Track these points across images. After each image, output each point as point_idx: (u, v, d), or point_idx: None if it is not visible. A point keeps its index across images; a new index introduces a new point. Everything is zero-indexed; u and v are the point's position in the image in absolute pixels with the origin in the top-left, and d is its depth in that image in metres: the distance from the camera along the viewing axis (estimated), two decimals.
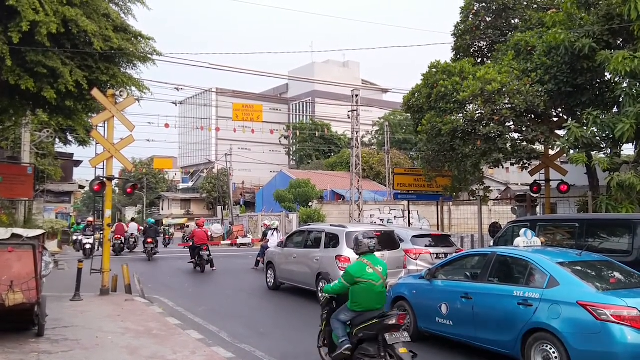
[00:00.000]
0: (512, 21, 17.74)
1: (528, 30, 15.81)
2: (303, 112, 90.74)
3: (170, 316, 10.27)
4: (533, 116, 14.80)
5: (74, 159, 35.04)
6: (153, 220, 28.83)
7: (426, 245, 13.39)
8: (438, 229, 19.99)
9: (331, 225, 13.57)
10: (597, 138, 12.10)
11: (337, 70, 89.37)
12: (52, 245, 26.47)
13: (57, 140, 26.75)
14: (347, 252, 11.66)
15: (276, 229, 20.37)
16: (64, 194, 35.32)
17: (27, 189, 15.80)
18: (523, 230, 8.03)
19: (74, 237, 29.25)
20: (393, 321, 6.07)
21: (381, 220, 36.44)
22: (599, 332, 5.83)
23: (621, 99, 11.84)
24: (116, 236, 25.16)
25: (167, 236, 37.54)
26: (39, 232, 8.53)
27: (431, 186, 19.26)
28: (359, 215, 32.21)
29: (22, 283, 7.67)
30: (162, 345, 7.89)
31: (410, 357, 6.02)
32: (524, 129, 14.60)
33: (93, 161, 13.35)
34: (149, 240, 24.21)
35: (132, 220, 34.29)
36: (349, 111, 32.20)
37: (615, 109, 13.21)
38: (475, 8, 17.83)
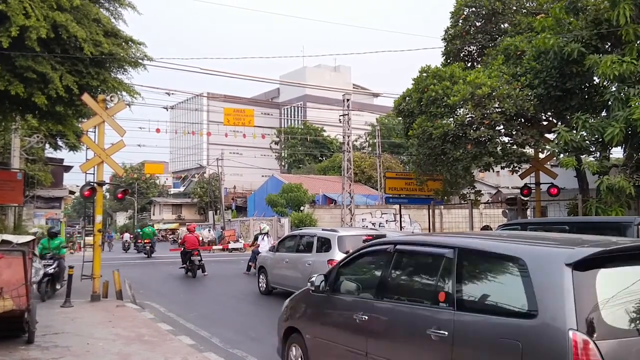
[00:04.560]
0: (502, 26, 17.87)
1: (517, 34, 15.94)
2: (294, 117, 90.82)
3: (162, 322, 10.22)
4: (523, 120, 14.90)
5: (64, 164, 34.82)
6: (153, 228, 38.44)
7: None
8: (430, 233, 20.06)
9: (323, 230, 13.57)
10: (587, 142, 12.19)
11: (328, 75, 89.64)
12: None
13: (47, 145, 26.61)
14: (339, 256, 11.67)
15: (267, 233, 20.35)
16: (54, 199, 35.05)
17: (17, 194, 15.69)
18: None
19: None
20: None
21: (373, 224, 36.47)
22: None
23: (610, 103, 11.95)
24: (147, 241, 31.86)
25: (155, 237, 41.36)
26: (29, 238, 8.48)
27: (422, 190, 19.32)
28: (351, 219, 32.24)
29: (11, 289, 7.61)
30: (153, 351, 7.85)
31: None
32: (514, 133, 14.69)
33: (83, 166, 13.29)
34: (147, 240, 32.04)
35: (127, 230, 50.50)
36: (340, 115, 32.28)
37: (604, 112, 13.33)
38: (465, 13, 17.95)
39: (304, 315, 6.20)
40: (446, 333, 4.07)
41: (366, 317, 4.98)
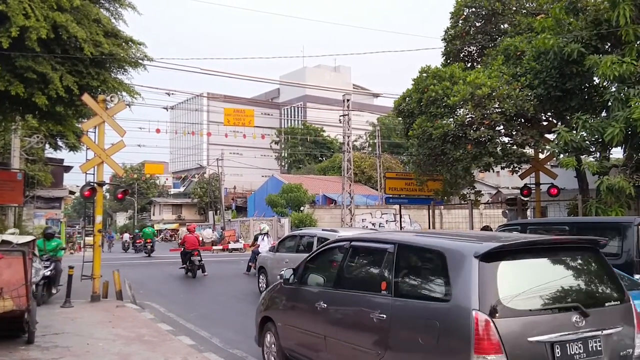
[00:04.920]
0: (502, 26, 17.88)
1: (517, 35, 15.95)
2: (294, 117, 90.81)
3: (162, 322, 10.22)
4: (523, 120, 14.91)
5: (64, 164, 34.82)
6: (153, 229, 40.04)
7: None
8: None
9: (323, 230, 13.56)
10: (587, 142, 12.20)
11: (328, 75, 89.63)
12: None
13: (47, 145, 26.60)
14: None
15: (267, 233, 20.30)
16: (54, 199, 35.04)
17: (17, 195, 15.68)
18: (514, 234, 8.07)
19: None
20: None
21: (373, 224, 36.48)
22: None
23: (610, 103, 11.96)
24: (148, 240, 33.62)
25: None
26: (29, 238, 8.47)
27: (422, 190, 19.31)
28: (351, 219, 32.24)
29: (12, 290, 7.61)
30: (153, 351, 7.85)
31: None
32: (514, 133, 14.70)
33: (84, 167, 13.29)
34: (148, 240, 33.48)
35: (126, 231, 52.35)
36: (340, 115, 32.28)
37: (604, 113, 13.34)
38: (465, 13, 17.95)
39: (276, 305, 6.88)
40: (385, 316, 4.79)
41: (325, 305, 5.70)
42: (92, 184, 13.00)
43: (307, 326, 6.01)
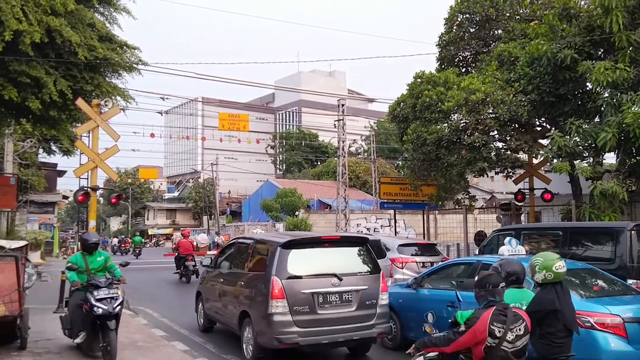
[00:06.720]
0: (495, 32, 17.92)
1: (511, 41, 16.01)
2: (289, 122, 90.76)
3: (155, 327, 10.19)
4: (517, 125, 14.97)
5: (58, 169, 34.64)
6: (141, 237, 46.27)
7: (412, 254, 13.37)
8: (424, 238, 20.05)
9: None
10: (580, 147, 12.26)
11: (323, 80, 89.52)
12: (35, 256, 26.11)
13: (41, 150, 26.46)
14: None
15: None
16: (47, 204, 34.87)
17: (10, 199, 15.62)
18: (508, 238, 8.08)
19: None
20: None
21: (367, 229, 36.41)
22: (583, 339, 5.85)
23: (603, 109, 12.03)
24: (136, 247, 38.95)
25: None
26: (22, 243, 8.42)
27: (417, 195, 19.31)
28: (346, 224, 32.22)
29: (4, 295, 7.55)
30: (147, 357, 7.82)
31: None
32: (507, 138, 14.75)
33: (77, 171, 13.27)
34: (137, 246, 39.18)
35: (116, 236, 56.36)
36: (335, 120, 32.29)
37: (597, 118, 13.41)
38: (459, 19, 18.00)
39: (203, 283, 10.41)
40: (243, 283, 8.14)
41: (222, 280, 9.18)
42: (85, 188, 12.97)
43: (213, 296, 9.46)
